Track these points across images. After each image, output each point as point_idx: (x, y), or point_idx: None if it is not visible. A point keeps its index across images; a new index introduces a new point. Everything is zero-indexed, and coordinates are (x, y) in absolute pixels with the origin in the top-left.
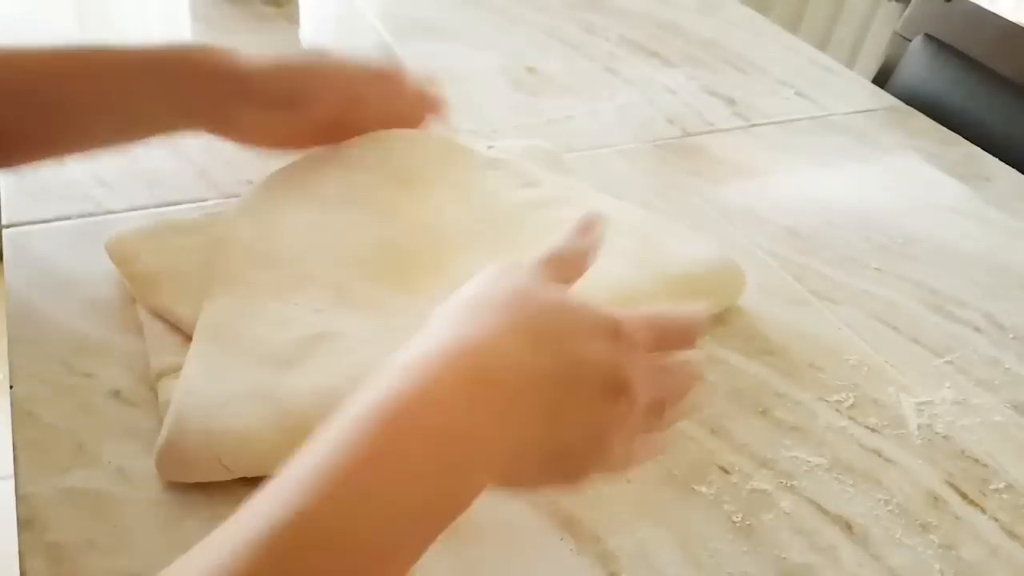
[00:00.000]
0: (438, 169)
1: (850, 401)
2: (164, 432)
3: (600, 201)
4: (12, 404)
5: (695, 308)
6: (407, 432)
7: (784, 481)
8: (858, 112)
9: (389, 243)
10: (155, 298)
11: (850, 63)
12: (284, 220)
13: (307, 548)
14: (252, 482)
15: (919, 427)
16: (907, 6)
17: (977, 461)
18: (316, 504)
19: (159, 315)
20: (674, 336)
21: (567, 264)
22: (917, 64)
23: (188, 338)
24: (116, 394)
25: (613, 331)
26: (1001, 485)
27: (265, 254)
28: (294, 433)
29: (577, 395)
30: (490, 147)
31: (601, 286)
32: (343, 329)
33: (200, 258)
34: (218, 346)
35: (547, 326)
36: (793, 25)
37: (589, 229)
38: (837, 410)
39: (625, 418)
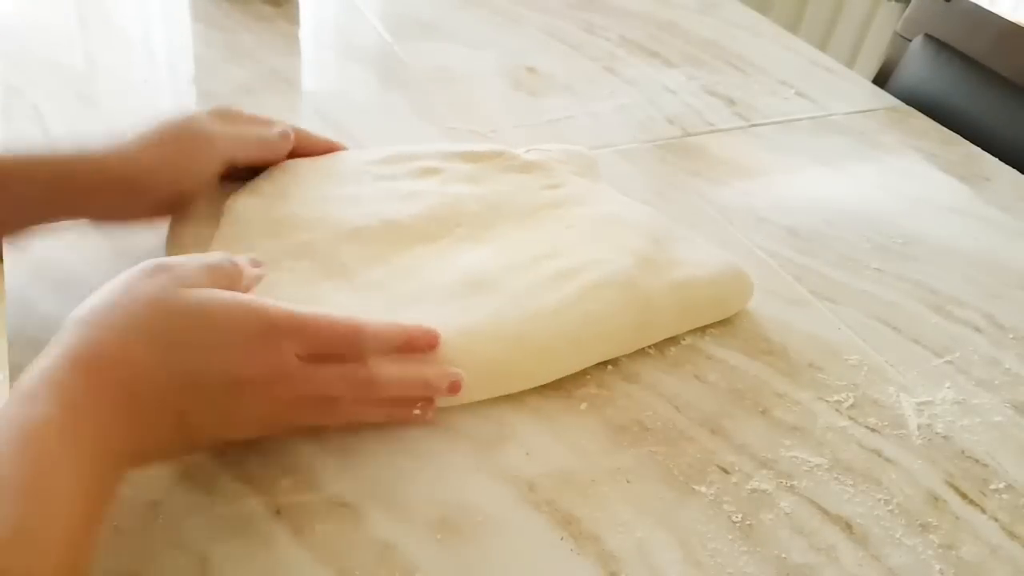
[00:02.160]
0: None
1: (850, 401)
2: None
3: (615, 203)
4: None
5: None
6: (47, 449)
7: (784, 481)
8: (858, 112)
9: (395, 224)
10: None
11: (850, 63)
12: (298, 192)
13: None
14: (247, 486)
15: (919, 427)
16: (907, 6)
17: (977, 461)
18: None
19: None
20: (332, 344)
21: (225, 276)
22: (917, 64)
23: None
24: None
25: (248, 338)
26: (1001, 485)
27: (273, 223)
28: None
29: (204, 400)
30: (528, 150)
31: (608, 286)
32: (325, 300)
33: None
34: None
35: (178, 335)
36: (793, 25)
37: (260, 264)
38: (837, 410)
39: (255, 413)
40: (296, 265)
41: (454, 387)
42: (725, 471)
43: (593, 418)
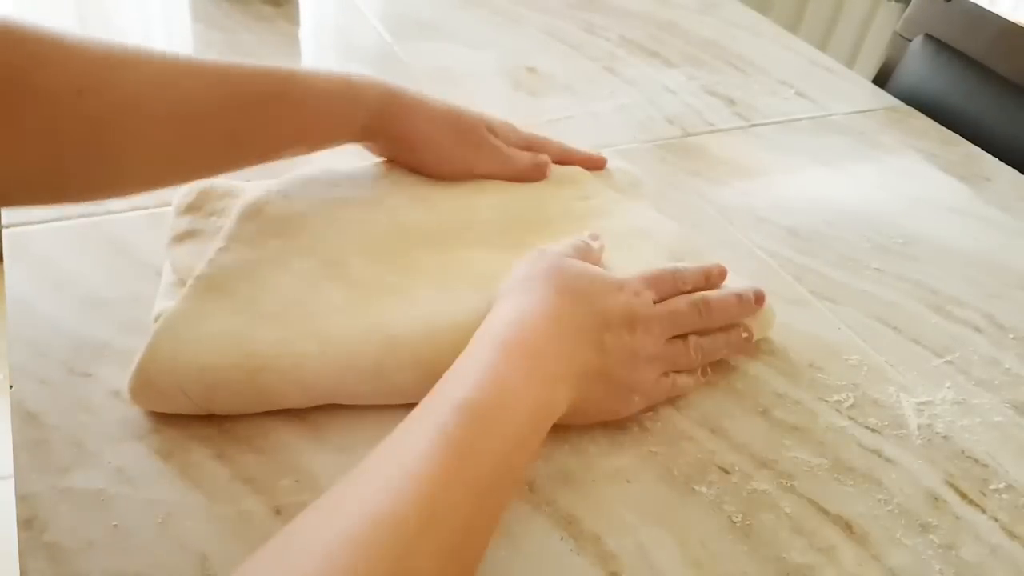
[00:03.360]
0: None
1: (850, 401)
2: (137, 358)
3: (643, 220)
4: (12, 404)
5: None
6: (523, 364)
7: (784, 481)
8: (858, 112)
9: (406, 228)
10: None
11: (850, 63)
12: (312, 193)
13: (483, 423)
14: (247, 485)
15: (919, 427)
16: (907, 6)
17: (977, 461)
18: (480, 395)
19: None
20: (667, 286)
21: (585, 252)
22: (917, 64)
23: None
24: (116, 394)
25: (619, 288)
26: (1001, 485)
27: (283, 222)
28: (251, 375)
29: (610, 332)
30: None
31: None
32: (325, 299)
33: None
34: (208, 294)
35: (579, 288)
36: (793, 25)
37: (597, 237)
38: (837, 410)
39: (647, 348)
40: (299, 265)
41: (759, 297)
42: (725, 471)
43: None
